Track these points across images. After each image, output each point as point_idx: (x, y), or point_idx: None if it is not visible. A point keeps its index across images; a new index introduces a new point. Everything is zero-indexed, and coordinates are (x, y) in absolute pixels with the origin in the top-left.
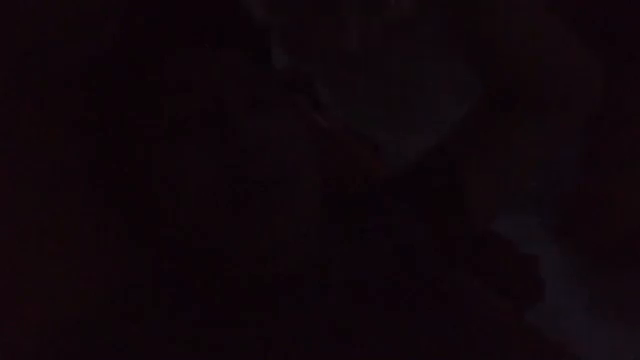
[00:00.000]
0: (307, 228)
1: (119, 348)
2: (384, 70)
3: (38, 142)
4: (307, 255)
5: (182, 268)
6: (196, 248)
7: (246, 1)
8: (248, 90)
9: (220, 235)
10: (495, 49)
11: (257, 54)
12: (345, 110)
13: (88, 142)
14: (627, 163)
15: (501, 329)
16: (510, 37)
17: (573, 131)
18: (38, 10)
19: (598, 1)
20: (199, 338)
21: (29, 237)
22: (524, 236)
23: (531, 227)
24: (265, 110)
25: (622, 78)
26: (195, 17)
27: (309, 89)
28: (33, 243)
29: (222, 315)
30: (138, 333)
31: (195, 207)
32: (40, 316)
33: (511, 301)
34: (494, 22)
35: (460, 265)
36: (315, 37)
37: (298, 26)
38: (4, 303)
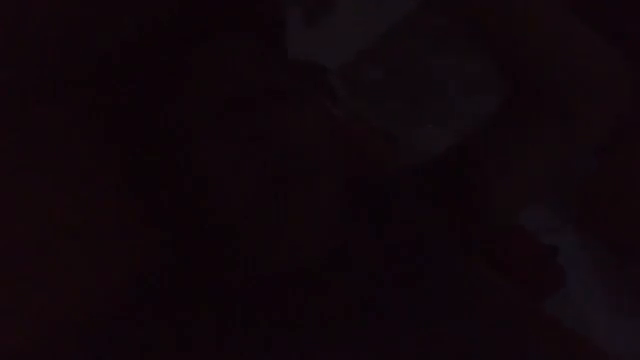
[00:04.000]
0: (327, 212)
1: (134, 337)
2: (398, 63)
3: (60, 135)
4: (327, 238)
5: (199, 255)
6: (214, 233)
7: None
8: (269, 77)
9: (239, 218)
10: (521, 50)
11: (273, 44)
12: (359, 102)
13: (114, 133)
14: None
15: (519, 318)
16: (536, 38)
17: (600, 134)
18: (66, 5)
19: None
20: (215, 325)
21: (55, 233)
22: (542, 226)
23: (549, 217)
24: (286, 97)
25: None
26: (213, 6)
27: (324, 81)
28: (55, 235)
29: (238, 301)
30: (154, 321)
31: (214, 191)
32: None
33: (531, 290)
34: (515, 22)
35: (477, 254)
36: None
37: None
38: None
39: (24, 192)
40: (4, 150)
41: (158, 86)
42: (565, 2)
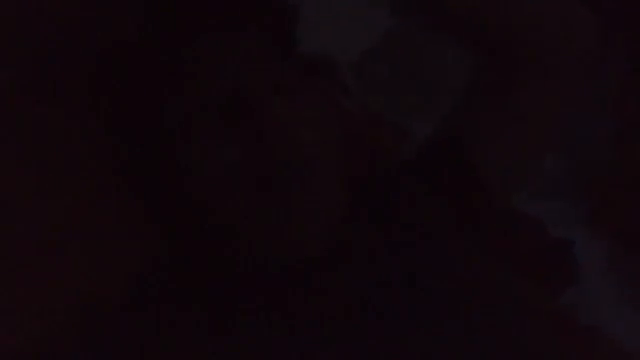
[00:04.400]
0: (327, 211)
1: (134, 336)
2: (399, 62)
3: (60, 134)
4: (327, 237)
5: (199, 254)
6: (214, 233)
7: None
8: (269, 74)
9: (239, 218)
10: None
11: (282, 38)
12: (370, 94)
13: (114, 133)
14: None
15: (520, 318)
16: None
17: (574, 93)
18: (66, 5)
19: None
20: (216, 325)
21: (51, 230)
22: (554, 220)
23: (561, 211)
24: (286, 94)
25: None
26: (214, 5)
27: (334, 73)
28: (55, 235)
29: (238, 302)
30: (154, 322)
31: (214, 191)
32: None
33: (544, 285)
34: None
35: (477, 254)
36: None
37: None
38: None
39: (24, 192)
40: (4, 150)
41: (158, 86)
42: None
